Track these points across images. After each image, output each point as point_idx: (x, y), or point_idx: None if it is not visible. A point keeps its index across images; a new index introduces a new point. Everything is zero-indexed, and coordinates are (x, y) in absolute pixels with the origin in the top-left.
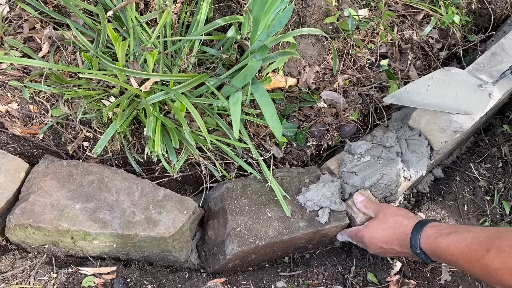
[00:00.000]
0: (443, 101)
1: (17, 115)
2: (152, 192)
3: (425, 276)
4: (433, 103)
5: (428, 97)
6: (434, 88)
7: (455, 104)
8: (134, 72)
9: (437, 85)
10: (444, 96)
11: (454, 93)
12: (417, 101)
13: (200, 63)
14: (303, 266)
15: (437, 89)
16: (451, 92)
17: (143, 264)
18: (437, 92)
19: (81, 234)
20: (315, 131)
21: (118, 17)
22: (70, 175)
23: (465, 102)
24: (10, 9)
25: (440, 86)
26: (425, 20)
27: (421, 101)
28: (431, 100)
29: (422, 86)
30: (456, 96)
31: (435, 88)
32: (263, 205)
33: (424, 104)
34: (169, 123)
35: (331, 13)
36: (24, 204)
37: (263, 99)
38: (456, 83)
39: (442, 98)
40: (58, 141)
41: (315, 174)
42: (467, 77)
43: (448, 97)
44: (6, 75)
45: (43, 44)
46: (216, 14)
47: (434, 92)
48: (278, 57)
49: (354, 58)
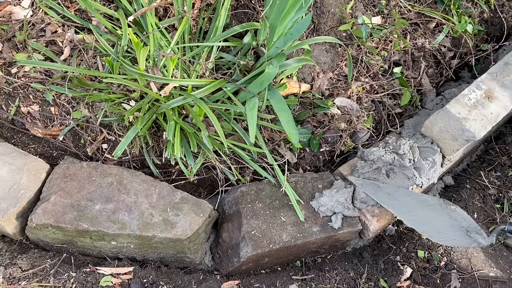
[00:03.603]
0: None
1: (38, 117)
2: (169, 194)
3: (435, 283)
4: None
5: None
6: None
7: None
8: (155, 77)
9: (422, 207)
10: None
11: (435, 223)
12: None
13: (217, 68)
14: (315, 270)
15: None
16: (433, 221)
17: (158, 265)
18: (419, 214)
19: (100, 235)
20: (329, 137)
21: (138, 22)
22: (90, 177)
23: (440, 234)
24: (33, 13)
25: (424, 210)
26: (437, 28)
27: (391, 205)
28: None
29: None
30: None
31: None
32: (277, 210)
33: (382, 202)
34: (188, 128)
35: (345, 21)
36: (46, 204)
37: (279, 105)
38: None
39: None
40: (78, 142)
41: (328, 180)
42: (462, 220)
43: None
44: (29, 77)
45: (65, 48)
46: (232, 20)
47: (416, 211)
48: (294, 64)
49: (368, 65)
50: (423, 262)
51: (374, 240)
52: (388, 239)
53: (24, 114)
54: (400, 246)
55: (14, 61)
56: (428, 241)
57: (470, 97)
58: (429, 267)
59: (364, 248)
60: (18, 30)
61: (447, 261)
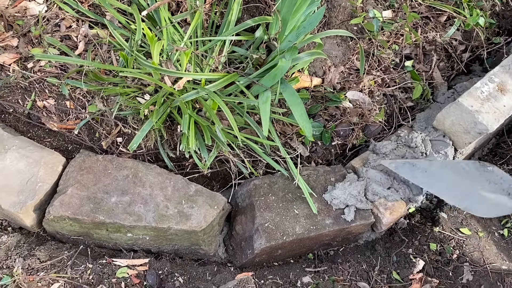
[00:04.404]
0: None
1: (53, 111)
2: (184, 187)
3: (448, 275)
4: (432, 185)
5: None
6: (448, 175)
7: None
8: (169, 71)
9: (458, 174)
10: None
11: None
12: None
13: (229, 62)
14: (328, 262)
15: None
16: (466, 186)
17: (173, 257)
18: (450, 180)
19: (116, 227)
20: (341, 131)
21: (152, 16)
22: (106, 170)
23: (475, 200)
24: (48, 8)
25: (461, 176)
26: (448, 22)
27: (420, 180)
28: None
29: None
30: (469, 193)
31: (451, 175)
32: (290, 202)
33: (421, 183)
34: (202, 121)
35: (356, 14)
36: (63, 196)
37: (292, 99)
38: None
39: (448, 187)
40: (93, 136)
41: (341, 173)
42: (501, 182)
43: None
44: (44, 72)
45: (79, 43)
46: (244, 14)
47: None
48: (306, 58)
49: (379, 59)
50: (435, 255)
51: (386, 233)
52: (400, 232)
53: (40, 108)
54: (412, 239)
55: (30, 56)
56: (440, 234)
57: (482, 90)
58: (441, 260)
59: (376, 241)
60: (33, 25)
61: (459, 254)
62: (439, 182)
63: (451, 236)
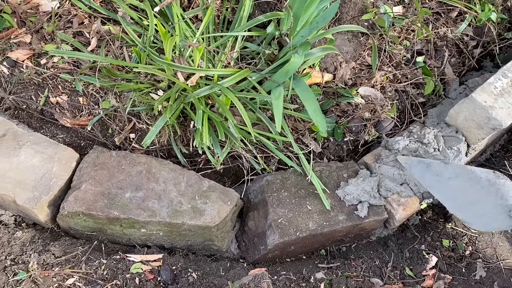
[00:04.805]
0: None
1: (67, 107)
2: (197, 183)
3: (461, 271)
4: (444, 196)
5: (444, 186)
6: (460, 183)
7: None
8: (182, 66)
9: (469, 184)
10: (463, 196)
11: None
12: (427, 180)
13: (241, 58)
14: (341, 258)
15: (464, 186)
16: (474, 197)
17: (186, 252)
18: (460, 188)
19: (130, 222)
20: (353, 127)
21: (164, 12)
22: (119, 165)
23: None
24: (60, 4)
25: (471, 185)
26: (459, 17)
27: (432, 184)
28: (445, 191)
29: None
30: (475, 204)
31: (463, 184)
32: (303, 198)
33: (428, 185)
34: (216, 117)
35: (366, 10)
36: (77, 192)
37: (305, 94)
38: (491, 192)
39: (458, 197)
40: (105, 132)
41: (353, 169)
42: (509, 197)
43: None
44: (57, 68)
45: (92, 39)
46: (255, 10)
47: (457, 187)
48: (318, 53)
49: (390, 55)
50: (448, 251)
51: (398, 229)
52: (413, 228)
53: (53, 104)
54: (424, 235)
55: (43, 52)
56: (453, 230)
57: (496, 85)
58: (454, 256)
59: (388, 237)
60: (46, 21)
61: (472, 250)
62: (447, 188)
63: (464, 232)
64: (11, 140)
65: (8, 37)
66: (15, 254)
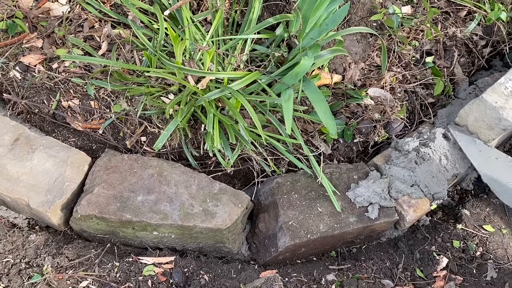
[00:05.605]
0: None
1: (78, 111)
2: (208, 185)
3: (472, 272)
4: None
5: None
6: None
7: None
8: (193, 70)
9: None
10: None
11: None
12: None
13: (250, 61)
14: (351, 260)
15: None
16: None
17: (197, 254)
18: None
19: (142, 225)
20: (362, 128)
21: (173, 16)
22: (131, 169)
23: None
24: (71, 9)
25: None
26: (468, 16)
27: None
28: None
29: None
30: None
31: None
32: (313, 200)
33: (472, 156)
34: (226, 120)
35: (375, 10)
36: (90, 196)
37: (315, 96)
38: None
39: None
40: (117, 135)
41: (363, 171)
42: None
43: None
44: (69, 72)
45: (102, 43)
46: (264, 12)
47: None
48: (328, 55)
49: (399, 55)
50: (458, 252)
51: (409, 231)
52: (423, 229)
53: (65, 108)
54: (435, 236)
55: (55, 57)
56: (463, 231)
57: (506, 85)
58: (465, 257)
59: (399, 239)
60: (57, 26)
61: (483, 251)
62: (485, 162)
63: (474, 233)
64: (24, 144)
65: (20, 42)
66: (30, 257)
